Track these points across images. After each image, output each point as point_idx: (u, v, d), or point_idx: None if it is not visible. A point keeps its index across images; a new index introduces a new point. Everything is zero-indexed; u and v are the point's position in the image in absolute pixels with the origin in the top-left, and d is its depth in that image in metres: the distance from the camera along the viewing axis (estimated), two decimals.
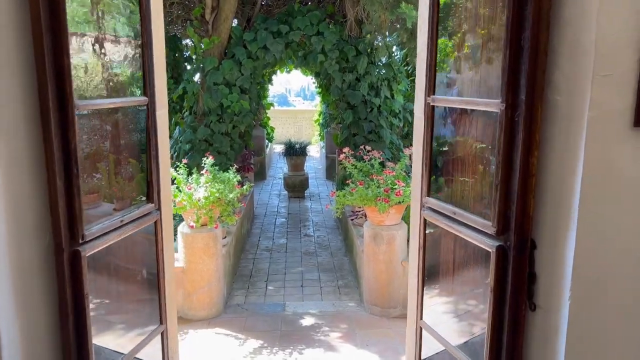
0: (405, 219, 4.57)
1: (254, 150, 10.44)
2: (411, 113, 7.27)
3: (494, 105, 1.77)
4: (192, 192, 4.02)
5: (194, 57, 7.06)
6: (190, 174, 4.37)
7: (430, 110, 2.20)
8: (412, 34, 5.53)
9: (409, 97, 7.53)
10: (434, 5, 2.10)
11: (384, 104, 6.54)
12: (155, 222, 2.22)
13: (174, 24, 8.30)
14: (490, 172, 1.86)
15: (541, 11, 1.61)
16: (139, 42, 2.09)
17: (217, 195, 4.00)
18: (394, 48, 7.24)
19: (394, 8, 5.07)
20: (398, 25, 5.90)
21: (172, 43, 7.73)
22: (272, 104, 11.42)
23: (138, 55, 2.10)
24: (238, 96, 6.22)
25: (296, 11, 6.35)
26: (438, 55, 2.17)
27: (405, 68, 7.33)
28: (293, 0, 6.68)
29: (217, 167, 4.46)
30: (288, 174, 8.92)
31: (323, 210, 8.07)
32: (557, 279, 1.70)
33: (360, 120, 6.48)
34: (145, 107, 2.13)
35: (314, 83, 11.89)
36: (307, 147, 9.04)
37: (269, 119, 11.53)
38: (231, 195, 4.09)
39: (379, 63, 6.58)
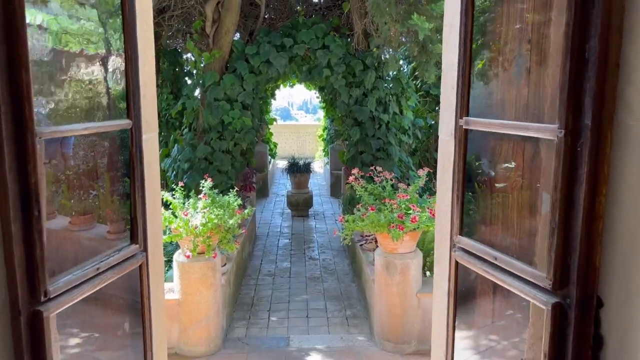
0: (420, 245, 4.23)
1: (256, 168, 10.15)
2: (421, 130, 6.97)
3: (548, 131, 1.45)
4: (188, 218, 3.69)
5: (194, 71, 6.81)
6: (187, 196, 4.05)
7: (463, 134, 1.88)
8: (424, 46, 5.25)
9: (417, 112, 7.25)
10: (467, 11, 1.80)
11: (392, 120, 6.23)
12: (140, 266, 1.89)
13: (174, 37, 8.07)
14: (543, 212, 1.53)
15: (612, 13, 1.30)
16: (123, 57, 1.79)
17: (215, 221, 3.67)
18: (401, 62, 6.97)
19: (405, 20, 4.79)
20: (403, 39, 5.63)
21: (172, 57, 7.49)
22: (274, 119, 11.14)
23: (121, 72, 1.79)
24: (240, 112, 5.93)
25: (300, 24, 6.09)
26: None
27: (414, 82, 7.04)
28: (297, 13, 6.42)
29: (216, 190, 4.14)
30: (291, 191, 8.59)
31: (328, 230, 7.72)
32: (631, 344, 1.37)
33: (367, 137, 6.17)
34: (128, 132, 1.82)
35: (317, 97, 11.64)
36: (311, 164, 8.73)
37: (271, 134, 11.25)
38: (231, 222, 3.76)
39: (387, 77, 6.29)
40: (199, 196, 3.96)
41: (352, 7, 5.67)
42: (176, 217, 3.78)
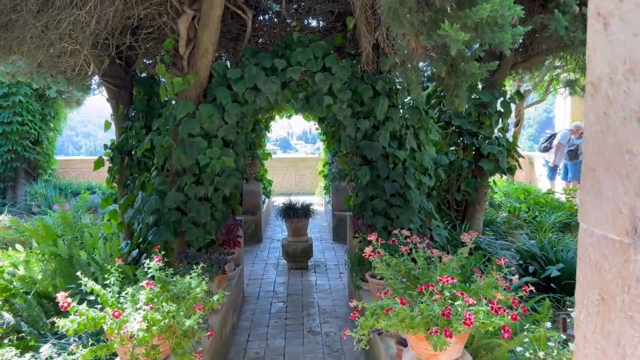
0: (467, 342, 2.96)
1: (248, 210, 8.92)
2: (444, 169, 5.78)
3: None
4: (124, 319, 2.44)
5: (167, 100, 5.67)
6: (126, 280, 2.81)
7: None
8: (454, 65, 4.10)
9: (437, 147, 6.08)
10: None
11: (410, 157, 5.04)
12: None
13: (156, 63, 6.98)
14: None
15: None
16: None
17: (164, 323, 2.42)
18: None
19: (432, 30, 3.65)
20: (410, 66, 4.46)
21: (147, 86, 6.35)
22: (269, 154, 9.98)
23: None
24: (220, 151, 4.74)
25: (295, 42, 4.96)
26: None
27: (433, 112, 5.88)
28: (291, 29, 5.31)
29: (170, 271, 2.88)
30: (287, 240, 7.32)
31: (331, 288, 6.43)
32: None
33: (380, 180, 4.97)
34: None
35: (317, 129, 10.53)
36: (311, 207, 7.49)
37: (266, 171, 10.06)
38: (188, 323, 2.50)
39: (403, 106, 5.11)
40: (142, 283, 2.69)
41: (359, 17, 4.55)
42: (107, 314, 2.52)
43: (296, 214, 7.18)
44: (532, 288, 2.75)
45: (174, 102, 5.04)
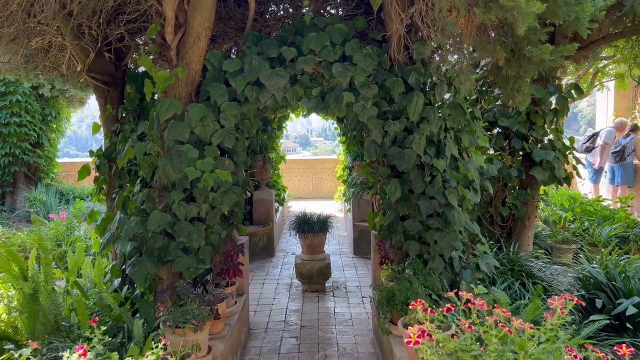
0: None
1: (259, 221, 8.02)
2: (492, 180, 4.77)
3: None
4: None
5: (154, 99, 4.79)
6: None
7: None
8: (515, 51, 3.10)
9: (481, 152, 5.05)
10: None
11: (451, 168, 4.05)
12: None
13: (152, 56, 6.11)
14: None
15: None
16: None
17: None
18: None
19: (492, 1, 2.65)
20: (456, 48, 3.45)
21: (139, 83, 5.46)
22: (283, 157, 9.05)
23: None
24: (214, 162, 3.82)
25: (308, 25, 4.00)
26: None
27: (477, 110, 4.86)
28: (302, 7, 4.34)
29: (115, 358, 1.97)
30: (302, 258, 6.38)
31: (353, 319, 5.48)
32: None
33: (413, 196, 4.00)
34: None
35: (336, 129, 9.56)
36: (329, 220, 6.52)
37: (279, 176, 9.13)
38: None
39: (441, 104, 4.11)
40: None
41: None
42: None
43: (311, 229, 6.24)
44: None
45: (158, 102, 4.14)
